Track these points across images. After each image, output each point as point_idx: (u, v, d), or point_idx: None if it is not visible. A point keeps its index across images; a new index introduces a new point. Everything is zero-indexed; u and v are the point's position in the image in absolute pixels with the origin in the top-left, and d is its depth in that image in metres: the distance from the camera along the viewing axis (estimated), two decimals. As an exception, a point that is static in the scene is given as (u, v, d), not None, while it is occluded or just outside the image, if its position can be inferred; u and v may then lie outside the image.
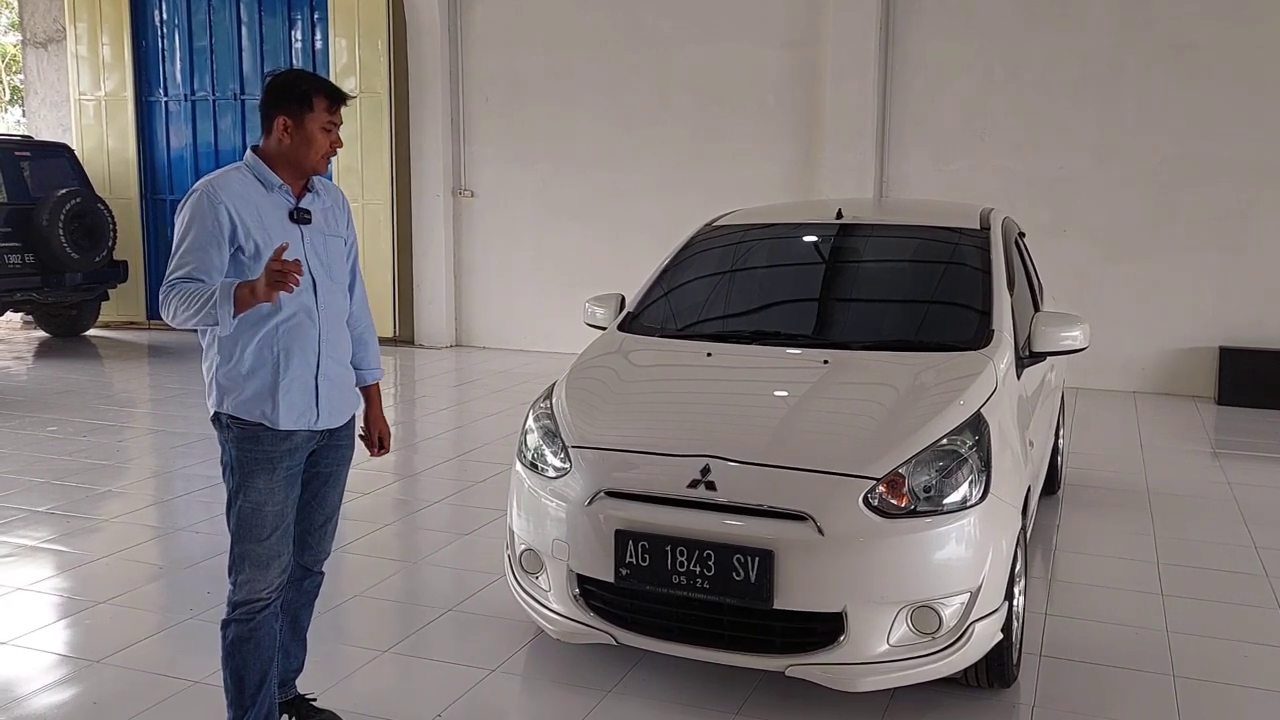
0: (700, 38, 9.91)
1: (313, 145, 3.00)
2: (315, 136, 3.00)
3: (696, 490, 3.39)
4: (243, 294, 2.81)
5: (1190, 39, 8.50)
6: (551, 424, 3.85)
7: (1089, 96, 8.81)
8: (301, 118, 2.98)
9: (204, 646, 3.86)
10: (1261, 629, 4.22)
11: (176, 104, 12.01)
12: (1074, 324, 4.26)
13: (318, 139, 3.00)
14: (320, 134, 3.00)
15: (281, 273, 2.76)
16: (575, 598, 3.57)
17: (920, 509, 3.33)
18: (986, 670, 3.54)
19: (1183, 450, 7.17)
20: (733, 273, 4.96)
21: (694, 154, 10.03)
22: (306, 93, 2.99)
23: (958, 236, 4.75)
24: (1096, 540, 5.27)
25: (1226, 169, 8.52)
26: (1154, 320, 8.82)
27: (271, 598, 3.09)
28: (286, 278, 2.76)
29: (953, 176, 9.19)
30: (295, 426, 3.04)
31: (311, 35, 11.36)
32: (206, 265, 2.91)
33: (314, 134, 2.99)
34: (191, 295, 2.86)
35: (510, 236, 10.88)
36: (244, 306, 2.84)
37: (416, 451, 7.06)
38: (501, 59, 10.67)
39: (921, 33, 9.21)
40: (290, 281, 2.77)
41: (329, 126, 3.02)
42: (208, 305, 2.82)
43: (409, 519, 5.64)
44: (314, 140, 3.00)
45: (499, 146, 10.80)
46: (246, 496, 3.02)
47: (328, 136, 3.02)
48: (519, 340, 10.93)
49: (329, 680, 3.69)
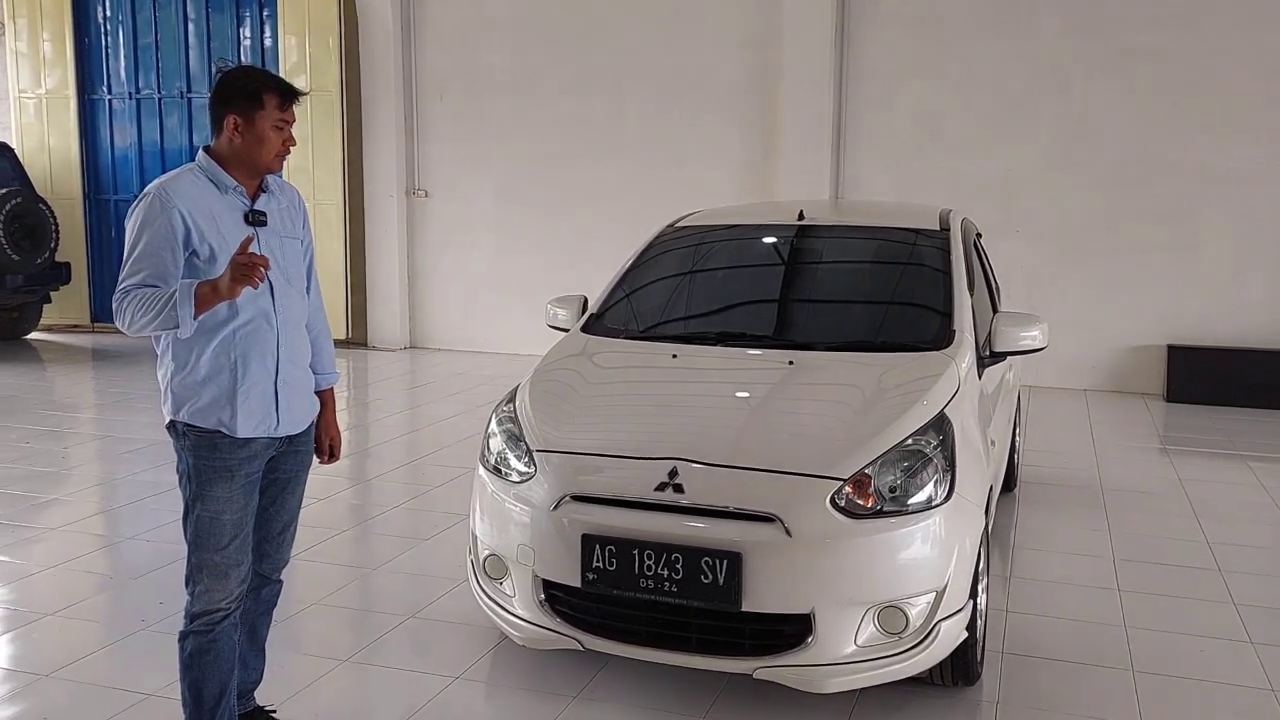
0: (658, 38, 9.89)
1: (265, 144, 2.93)
2: (267, 135, 2.92)
3: (664, 493, 3.36)
4: (204, 292, 2.74)
5: (1138, 44, 8.64)
6: (515, 428, 3.80)
7: (1040, 99, 8.93)
8: (252, 116, 2.91)
9: (158, 658, 3.77)
10: (1217, 623, 4.29)
11: (121, 102, 11.76)
12: (1033, 324, 4.30)
13: (270, 137, 2.93)
14: (272, 132, 2.93)
15: (248, 265, 2.69)
16: (541, 603, 3.53)
17: (886, 509, 3.33)
18: (952, 669, 3.55)
19: (1134, 447, 7.28)
20: (697, 274, 4.95)
21: (652, 155, 10.01)
22: (256, 90, 2.91)
23: (918, 238, 4.78)
24: (1053, 537, 5.33)
25: (1173, 171, 8.67)
26: (1103, 319, 8.96)
27: (231, 608, 3.01)
28: (253, 271, 2.69)
29: (908, 178, 9.26)
30: (254, 434, 2.97)
31: (260, 32, 11.19)
32: (161, 271, 2.83)
33: (265, 132, 2.92)
34: (149, 300, 2.78)
35: (466, 237, 10.79)
36: (205, 306, 2.76)
37: (371, 456, 6.97)
38: (456, 57, 10.57)
39: (876, 35, 9.27)
40: (256, 276, 2.70)
41: (281, 124, 2.94)
42: (167, 308, 2.75)
43: (366, 525, 5.56)
44: (266, 139, 2.92)
45: (454, 146, 10.71)
46: (204, 505, 2.94)
47: (280, 134, 2.94)
48: (475, 342, 10.84)
49: (288, 691, 3.62)
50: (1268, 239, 8.55)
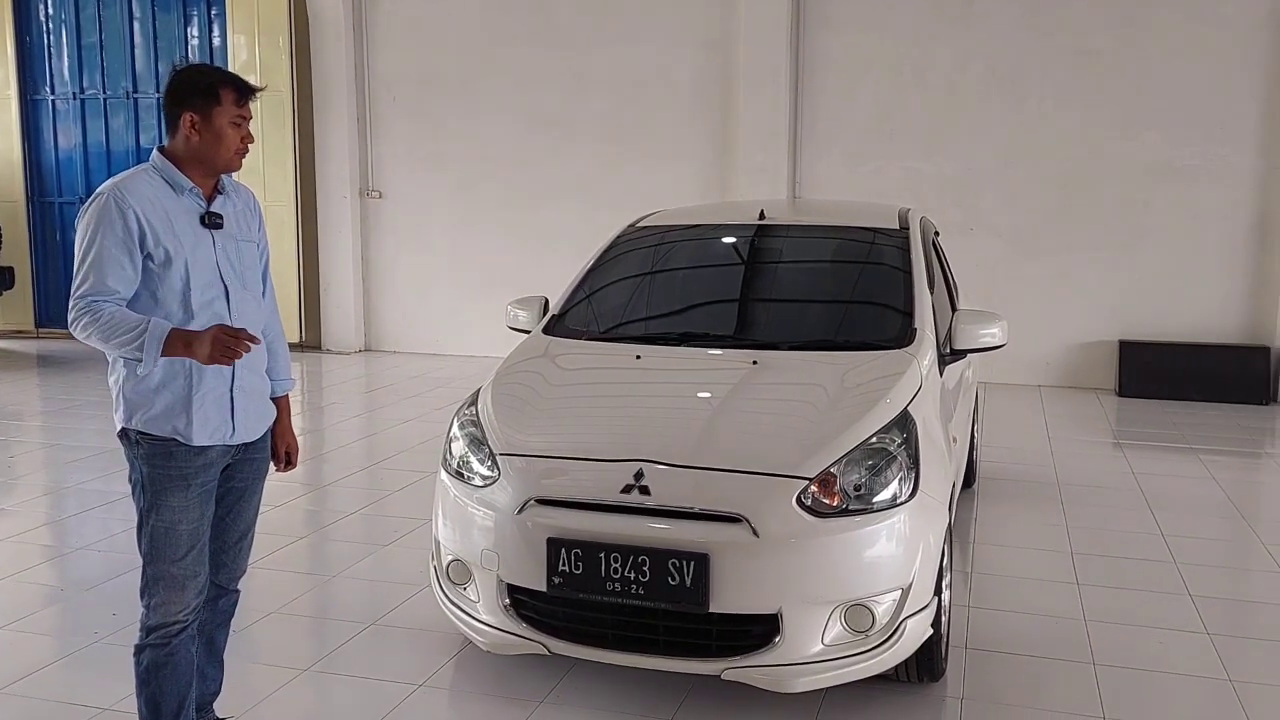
0: (615, 37, 9.86)
1: (222, 142, 2.87)
2: (225, 132, 2.86)
3: (630, 495, 3.34)
4: (174, 343, 2.70)
5: (1090, 44, 8.77)
6: (477, 431, 3.76)
7: (994, 98, 9.02)
8: (209, 113, 2.84)
9: (112, 671, 3.68)
10: (1175, 615, 4.34)
11: (64, 102, 11.51)
12: (993, 321, 4.34)
13: (227, 135, 2.87)
14: (230, 129, 2.87)
15: (233, 342, 2.68)
16: (506, 608, 3.49)
17: (851, 508, 3.33)
18: (917, 665, 3.56)
19: (1088, 442, 7.37)
20: (659, 274, 4.93)
21: (610, 155, 9.99)
22: (212, 86, 2.85)
23: (879, 236, 4.80)
24: (1012, 532, 5.38)
25: (1124, 168, 8.81)
26: (1057, 315, 9.07)
27: (188, 620, 2.95)
28: (237, 348, 2.69)
29: (864, 177, 9.32)
30: (210, 442, 2.90)
31: (209, 31, 11.00)
32: (119, 277, 2.76)
33: (223, 130, 2.86)
34: (112, 325, 2.71)
35: (421, 238, 10.69)
36: (172, 353, 2.73)
37: (327, 461, 6.87)
38: (410, 58, 10.47)
39: (831, 34, 9.32)
40: (238, 353, 2.70)
41: (238, 121, 2.88)
42: (133, 343, 2.70)
43: (323, 531, 5.47)
44: (223, 136, 2.86)
45: (409, 146, 10.61)
46: (159, 516, 2.87)
47: (238, 131, 2.88)
48: (431, 344, 10.75)
49: (248, 701, 3.54)
50: (1216, 235, 8.71)
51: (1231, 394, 8.47)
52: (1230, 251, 8.69)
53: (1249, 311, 8.70)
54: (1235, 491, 6.18)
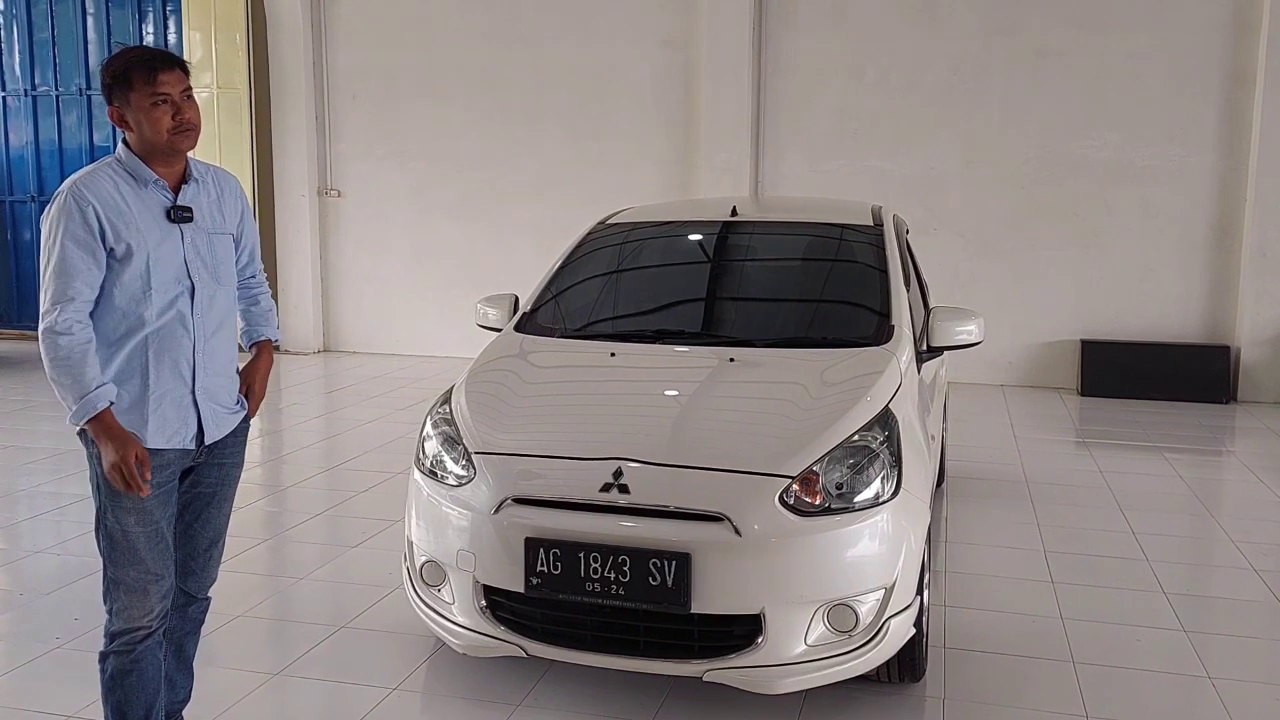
0: (578, 35, 9.80)
1: (150, 123, 2.73)
2: (149, 114, 2.73)
3: (609, 494, 3.27)
4: (96, 429, 2.68)
5: (1051, 45, 8.84)
6: (451, 430, 3.68)
7: (956, 98, 9.07)
8: (127, 99, 2.74)
9: (76, 677, 3.57)
10: (1149, 612, 4.35)
11: (16, 100, 11.23)
12: (970, 319, 4.32)
13: (153, 115, 2.73)
14: (153, 109, 2.73)
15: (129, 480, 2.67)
16: (482, 610, 3.42)
17: (834, 506, 3.29)
18: (899, 665, 3.53)
19: (1053, 440, 7.42)
20: (633, 271, 4.87)
21: (572, 153, 9.92)
22: (122, 72, 2.74)
23: (853, 233, 4.77)
24: (984, 531, 5.38)
25: (1085, 169, 8.89)
26: (1019, 315, 9.13)
27: (153, 626, 2.85)
28: (127, 486, 2.68)
29: (827, 176, 9.32)
30: (167, 445, 2.81)
31: (164, 27, 10.79)
32: (84, 279, 2.69)
33: (146, 112, 2.73)
34: (69, 367, 2.67)
35: (382, 237, 10.56)
36: (91, 430, 2.70)
37: (288, 463, 6.74)
38: (370, 55, 10.34)
39: (794, 33, 9.32)
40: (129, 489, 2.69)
41: (158, 99, 2.73)
42: (67, 398, 2.68)
43: (288, 533, 5.35)
44: (149, 118, 2.73)
45: (369, 144, 10.47)
46: (116, 517, 2.78)
47: (161, 109, 2.73)
48: (393, 345, 10.61)
49: (217, 708, 3.44)
50: (1176, 235, 8.81)
51: (1192, 393, 8.57)
52: (1190, 251, 8.80)
53: (1209, 311, 8.81)
54: (1201, 489, 6.24)
